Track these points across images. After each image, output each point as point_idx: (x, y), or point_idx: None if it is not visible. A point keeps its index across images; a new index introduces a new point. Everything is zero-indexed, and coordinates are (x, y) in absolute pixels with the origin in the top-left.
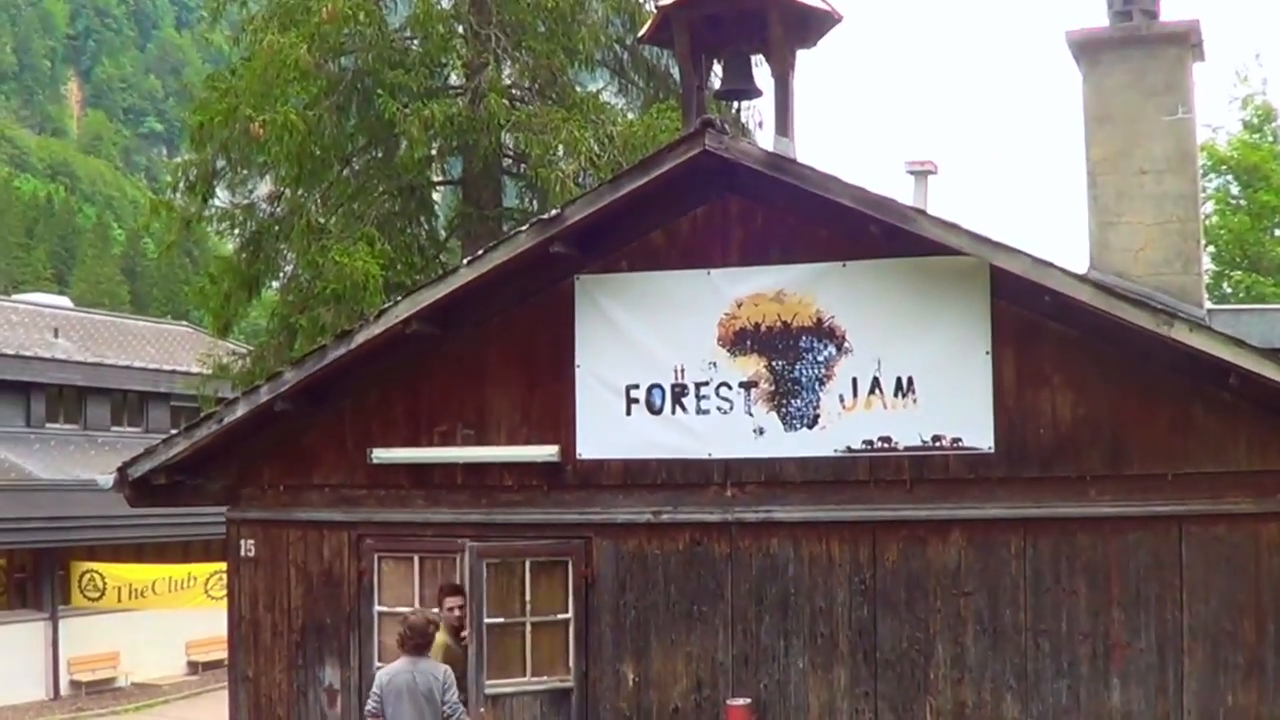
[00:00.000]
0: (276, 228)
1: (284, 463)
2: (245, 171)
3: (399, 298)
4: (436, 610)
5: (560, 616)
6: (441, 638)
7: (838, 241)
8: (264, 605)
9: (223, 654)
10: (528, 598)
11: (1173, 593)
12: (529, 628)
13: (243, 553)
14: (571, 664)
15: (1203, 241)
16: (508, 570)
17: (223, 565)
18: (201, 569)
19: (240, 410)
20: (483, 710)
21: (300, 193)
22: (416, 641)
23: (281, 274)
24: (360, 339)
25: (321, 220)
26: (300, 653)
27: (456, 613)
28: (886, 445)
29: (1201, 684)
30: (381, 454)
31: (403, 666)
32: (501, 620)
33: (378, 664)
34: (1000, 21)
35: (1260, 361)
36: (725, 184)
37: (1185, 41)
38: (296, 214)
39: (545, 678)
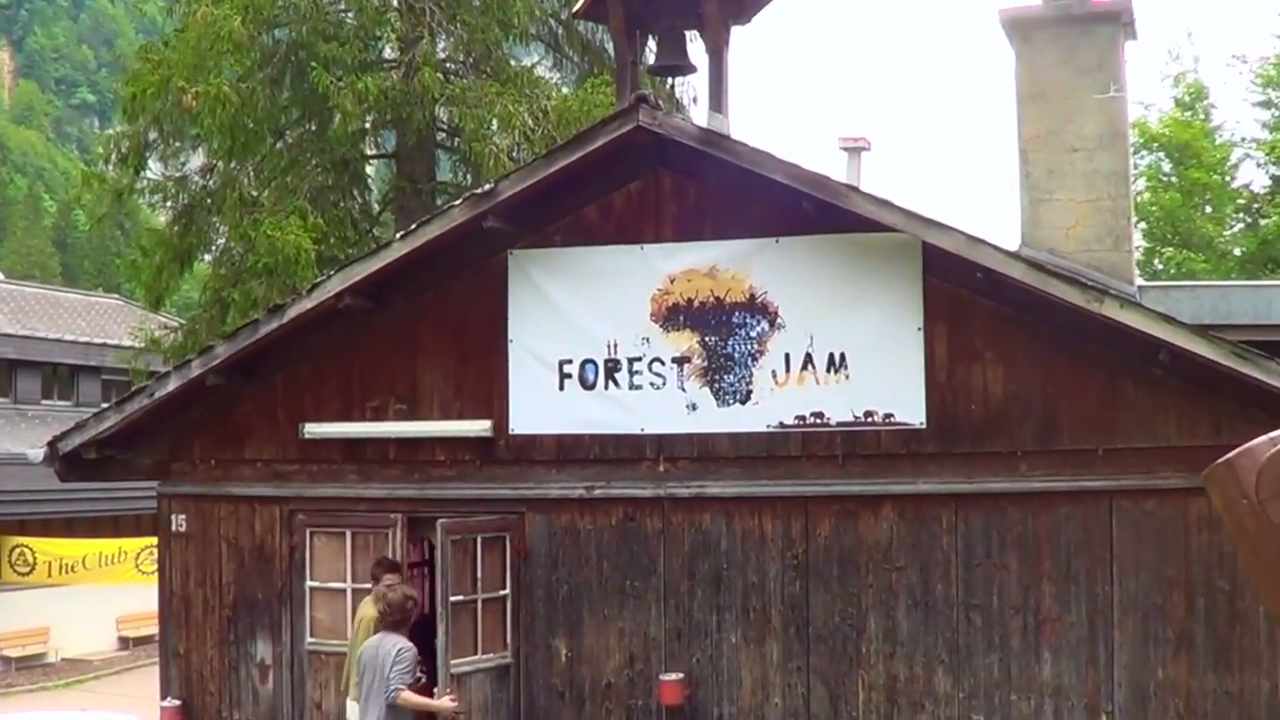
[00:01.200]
0: (209, 200)
1: (215, 437)
2: (177, 144)
3: (331, 272)
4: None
5: (501, 593)
6: (371, 612)
7: (771, 217)
8: (195, 580)
9: (154, 629)
10: (479, 574)
11: (1103, 567)
12: (480, 604)
13: (174, 528)
14: (508, 640)
15: (1134, 219)
16: (463, 547)
17: (154, 540)
18: (132, 544)
19: (171, 384)
20: (450, 691)
21: (233, 165)
22: (394, 619)
23: (214, 247)
24: (292, 313)
25: (254, 193)
26: (232, 628)
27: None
28: (819, 421)
29: (1132, 657)
30: (313, 428)
31: (376, 641)
32: (461, 598)
33: (309, 639)
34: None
35: (1189, 338)
36: (659, 159)
37: (1117, 20)
38: (229, 187)
39: (491, 655)
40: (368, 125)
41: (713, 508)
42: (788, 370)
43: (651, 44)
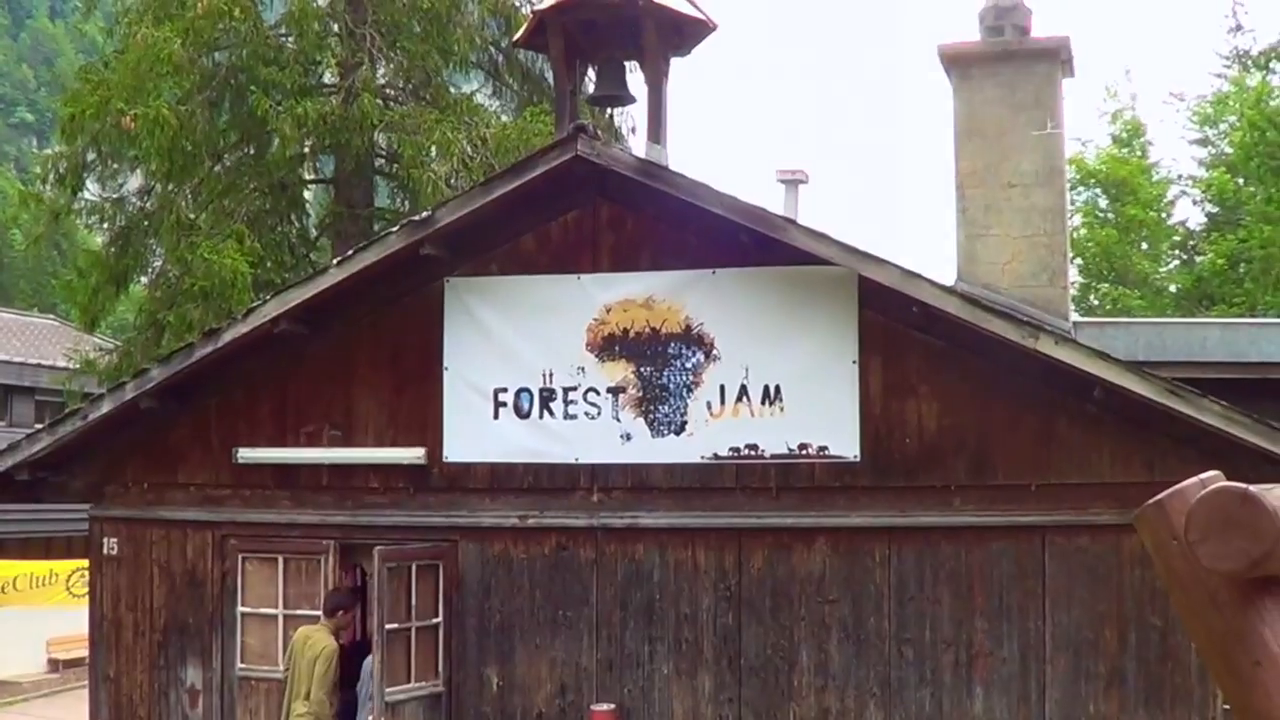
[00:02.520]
0: (146, 222)
1: (148, 461)
2: (116, 165)
3: (267, 296)
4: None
5: (435, 621)
6: (329, 641)
7: (708, 249)
8: (126, 604)
9: (84, 652)
10: (413, 602)
11: (1036, 602)
12: (414, 633)
13: (105, 551)
14: (440, 669)
15: (1069, 255)
16: (398, 575)
17: (85, 563)
18: (63, 566)
19: (105, 407)
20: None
21: (170, 188)
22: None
23: (150, 269)
24: (228, 337)
25: (191, 216)
26: (162, 653)
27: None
28: (753, 453)
29: (1064, 693)
30: (247, 454)
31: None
32: (396, 626)
33: (240, 665)
34: (872, 35)
35: (1123, 374)
36: (597, 189)
37: (1055, 58)
38: (166, 209)
39: (424, 683)
40: (306, 150)
41: (646, 538)
42: (723, 402)
43: (591, 74)
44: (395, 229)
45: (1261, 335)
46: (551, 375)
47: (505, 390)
